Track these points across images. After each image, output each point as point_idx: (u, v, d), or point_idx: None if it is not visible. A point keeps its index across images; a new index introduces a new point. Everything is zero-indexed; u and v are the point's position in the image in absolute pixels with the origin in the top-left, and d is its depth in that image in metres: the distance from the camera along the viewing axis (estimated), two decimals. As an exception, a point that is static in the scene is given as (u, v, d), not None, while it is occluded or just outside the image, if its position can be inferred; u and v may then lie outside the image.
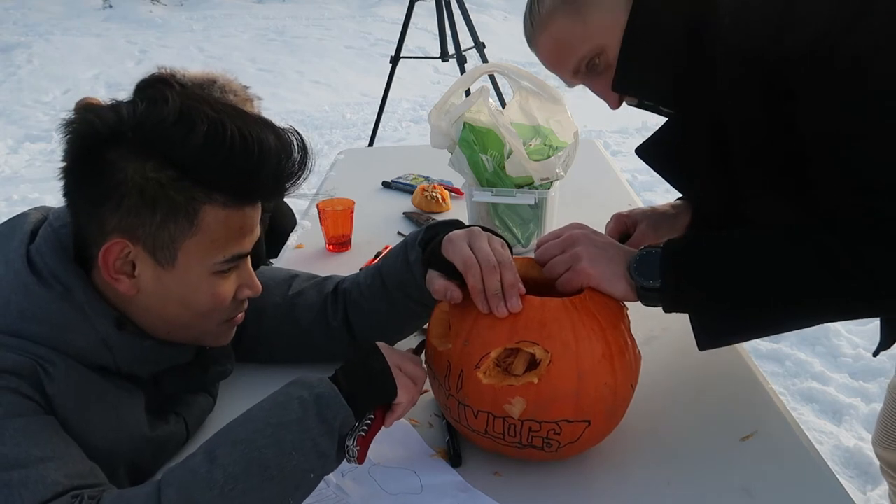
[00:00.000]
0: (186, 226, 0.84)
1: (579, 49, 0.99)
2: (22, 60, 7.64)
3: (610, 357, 0.89)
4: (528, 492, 0.91)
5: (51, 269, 0.85)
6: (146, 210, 0.82)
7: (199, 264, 0.87)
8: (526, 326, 0.88)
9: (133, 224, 0.83)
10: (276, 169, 0.86)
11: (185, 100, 0.83)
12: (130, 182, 0.81)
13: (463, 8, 3.98)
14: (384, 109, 4.19)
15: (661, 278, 0.92)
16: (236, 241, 0.88)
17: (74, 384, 0.84)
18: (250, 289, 0.95)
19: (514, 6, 10.27)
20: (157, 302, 0.88)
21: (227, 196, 0.85)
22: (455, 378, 0.91)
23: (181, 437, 1.00)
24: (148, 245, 0.84)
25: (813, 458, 0.96)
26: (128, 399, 0.90)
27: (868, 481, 2.09)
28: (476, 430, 0.92)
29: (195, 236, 0.85)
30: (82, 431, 0.83)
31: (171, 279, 0.86)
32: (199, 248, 0.86)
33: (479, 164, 1.52)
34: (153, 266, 0.85)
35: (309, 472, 0.80)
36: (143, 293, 0.87)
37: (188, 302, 0.89)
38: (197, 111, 0.82)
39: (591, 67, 1.01)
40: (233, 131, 0.81)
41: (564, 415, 0.88)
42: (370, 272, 1.14)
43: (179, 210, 0.83)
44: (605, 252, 0.96)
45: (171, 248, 0.85)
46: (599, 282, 0.94)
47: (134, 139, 0.81)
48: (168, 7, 10.42)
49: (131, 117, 0.82)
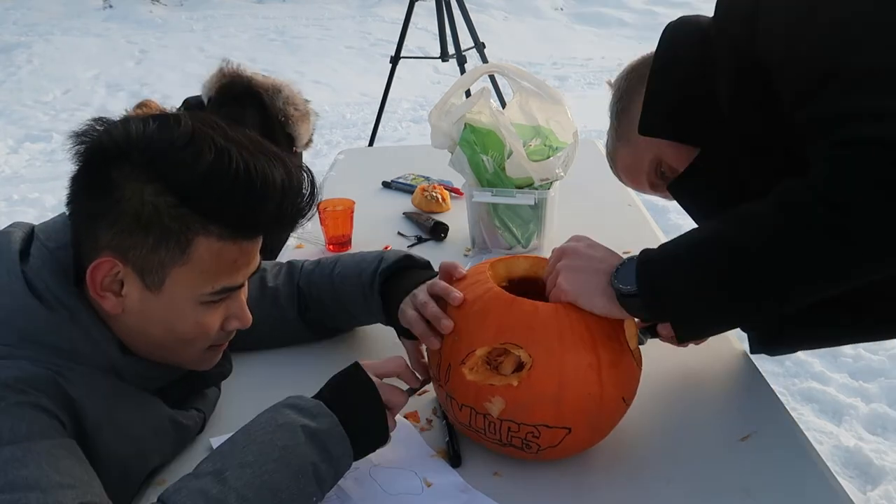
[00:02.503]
0: (178, 253, 0.83)
1: (643, 166, 1.13)
2: (22, 60, 7.63)
3: (597, 367, 0.88)
4: (528, 492, 0.91)
5: (54, 292, 0.83)
6: (139, 233, 0.81)
7: (186, 293, 0.86)
8: (513, 329, 0.89)
9: (125, 244, 0.82)
10: (278, 207, 0.84)
11: (196, 124, 0.82)
12: (128, 203, 0.80)
13: (463, 8, 3.98)
14: (384, 109, 4.19)
15: (636, 282, 0.88)
16: (227, 274, 0.87)
17: (98, 387, 0.84)
18: (239, 320, 0.93)
19: (514, 6, 10.28)
20: (141, 323, 0.87)
21: (224, 229, 0.83)
22: (444, 370, 0.93)
23: (198, 428, 1.01)
24: (137, 267, 0.83)
25: (813, 458, 0.96)
26: (149, 398, 0.92)
27: (868, 481, 2.09)
28: (461, 423, 0.94)
29: (185, 265, 0.83)
30: (114, 434, 0.83)
31: (156, 303, 0.85)
32: (188, 277, 0.84)
33: (480, 165, 1.52)
34: (140, 288, 0.84)
35: (312, 496, 0.82)
36: (128, 313, 0.86)
37: (171, 327, 0.88)
38: (206, 138, 0.81)
39: (662, 177, 1.12)
40: (238, 163, 0.80)
41: (544, 420, 0.88)
42: (325, 285, 1.19)
43: (172, 237, 0.82)
44: (587, 265, 0.93)
45: (159, 273, 0.84)
46: (576, 298, 0.91)
47: (139, 159, 0.80)
48: (168, 7, 10.41)
49: (140, 137, 0.81)
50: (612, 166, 1.22)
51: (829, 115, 0.79)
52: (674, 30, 1.08)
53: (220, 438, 1.00)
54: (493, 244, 1.61)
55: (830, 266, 0.78)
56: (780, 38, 0.87)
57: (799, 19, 0.86)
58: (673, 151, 1.08)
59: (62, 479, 0.72)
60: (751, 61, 0.91)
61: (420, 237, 1.73)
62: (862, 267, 0.77)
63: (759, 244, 0.79)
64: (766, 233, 0.79)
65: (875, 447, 2.20)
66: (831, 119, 0.79)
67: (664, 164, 1.10)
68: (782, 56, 0.87)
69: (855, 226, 0.74)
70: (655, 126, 1.06)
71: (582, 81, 7.50)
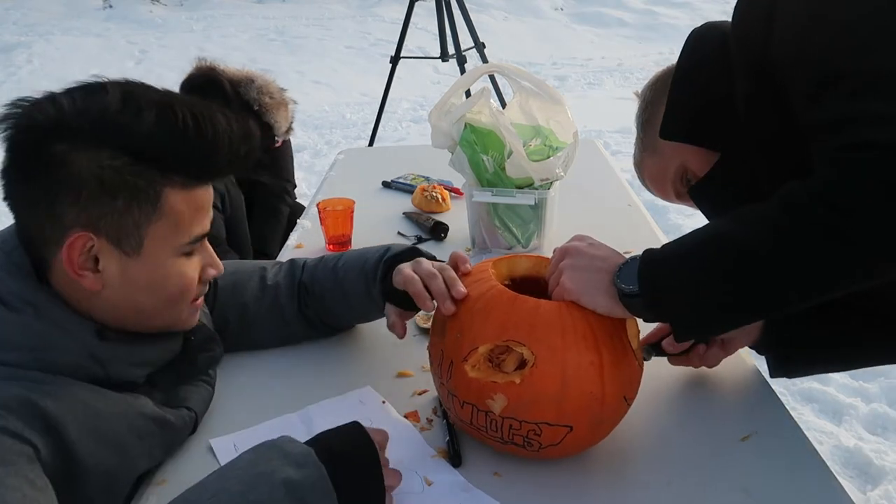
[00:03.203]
0: (150, 210, 0.83)
1: (668, 175, 1.14)
2: (22, 60, 7.64)
3: (599, 366, 0.88)
4: (528, 492, 0.91)
5: (12, 291, 0.82)
6: (106, 198, 0.80)
7: (166, 248, 0.86)
8: (516, 326, 0.89)
9: (94, 216, 0.81)
10: (230, 146, 0.85)
11: (123, 86, 0.83)
12: (86, 173, 0.79)
13: (463, 8, 3.98)
14: (384, 109, 4.19)
15: (637, 281, 0.88)
16: (198, 220, 0.88)
17: (77, 398, 0.81)
18: (214, 268, 0.95)
19: (514, 6, 10.28)
20: (125, 293, 0.86)
21: (186, 177, 0.84)
22: (446, 367, 0.93)
23: (188, 428, 1.00)
24: (112, 235, 0.83)
25: (813, 458, 0.96)
26: (134, 402, 0.90)
27: (868, 481, 2.09)
28: (463, 420, 0.94)
29: (160, 220, 0.84)
30: (97, 444, 0.82)
31: (137, 267, 0.85)
32: (165, 231, 0.85)
33: (480, 165, 1.52)
34: (118, 257, 0.84)
35: None
36: (109, 287, 0.85)
37: (156, 288, 0.88)
38: (140, 97, 0.81)
39: (687, 184, 1.12)
40: (183, 112, 0.81)
41: (545, 418, 0.88)
42: (328, 277, 1.20)
43: (141, 194, 0.82)
44: (590, 264, 0.93)
45: (136, 234, 0.83)
46: (578, 297, 0.91)
47: (80, 130, 0.79)
48: (168, 7, 10.42)
49: (72, 108, 0.79)
50: (639, 176, 1.23)
51: (835, 117, 0.79)
52: (697, 35, 1.08)
53: (220, 439, 1.00)
54: (493, 244, 1.62)
55: (830, 267, 0.77)
56: (791, 40, 0.87)
57: (810, 21, 0.86)
58: (696, 158, 1.08)
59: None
60: (765, 62, 0.91)
61: (420, 237, 1.73)
62: (862, 269, 0.77)
63: (761, 244, 0.79)
64: (769, 233, 0.79)
65: (875, 447, 2.20)
66: (837, 122, 0.79)
67: (689, 171, 1.11)
68: (793, 58, 0.87)
69: (856, 227, 0.74)
70: (676, 130, 1.07)
71: (582, 81, 7.50)
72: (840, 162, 0.75)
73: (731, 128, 1.00)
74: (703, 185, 1.08)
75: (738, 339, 1.10)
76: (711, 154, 1.06)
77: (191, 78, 2.28)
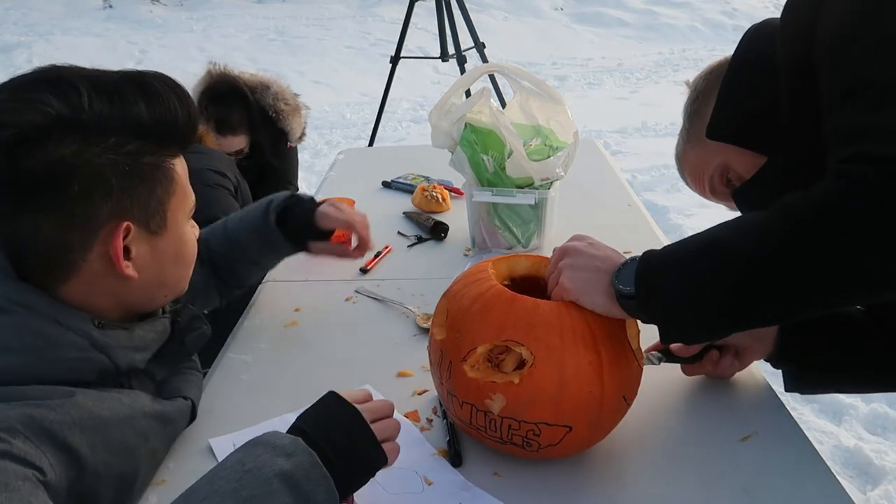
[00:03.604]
0: (168, 185, 0.88)
1: (708, 170, 1.12)
2: (22, 60, 7.63)
3: (598, 366, 0.88)
4: (528, 492, 0.91)
5: (1, 295, 0.81)
6: (133, 182, 0.84)
7: (183, 217, 0.93)
8: (514, 326, 0.89)
9: (125, 205, 0.84)
10: (187, 109, 0.89)
11: (81, 73, 0.83)
12: (106, 166, 0.80)
13: (463, 8, 3.98)
14: (384, 109, 4.19)
15: (633, 283, 0.86)
16: (189, 184, 0.94)
17: (83, 409, 0.81)
18: (195, 227, 1.00)
19: (514, 6, 10.28)
20: (157, 271, 0.90)
21: (176, 146, 0.90)
22: (445, 367, 0.93)
23: (187, 417, 1.01)
24: (141, 218, 0.86)
25: (813, 458, 0.96)
26: (135, 402, 0.90)
27: (868, 481, 2.09)
28: (462, 420, 0.94)
29: (175, 192, 0.90)
30: (108, 453, 0.82)
31: (165, 243, 0.90)
32: (180, 201, 0.91)
33: (481, 165, 1.52)
34: (147, 238, 0.88)
35: None
36: (142, 271, 0.88)
37: (181, 257, 0.94)
38: (69, 79, 0.81)
39: (728, 184, 1.11)
40: (158, 85, 0.85)
41: (544, 418, 0.88)
42: (220, 241, 1.36)
43: (158, 172, 0.87)
44: (589, 264, 0.93)
45: (160, 211, 0.88)
46: (577, 296, 0.91)
47: (88, 124, 0.79)
48: (168, 7, 10.42)
49: (61, 110, 0.77)
50: (679, 168, 1.21)
51: (848, 128, 0.78)
52: (753, 33, 1.06)
53: (220, 439, 1.00)
54: (493, 244, 1.62)
55: (824, 279, 0.75)
56: (825, 44, 0.86)
57: (843, 28, 0.84)
58: (741, 159, 1.06)
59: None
60: (806, 62, 0.89)
61: (420, 237, 1.73)
62: (853, 282, 0.75)
63: (753, 250, 0.78)
64: (762, 240, 0.78)
65: (875, 447, 2.20)
66: (848, 133, 0.78)
67: (731, 170, 1.09)
68: (825, 63, 0.85)
69: (849, 241, 0.73)
70: (723, 131, 1.05)
71: (582, 81, 7.50)
72: (843, 174, 0.74)
73: (778, 131, 0.98)
74: (747, 189, 1.06)
75: (754, 350, 1.09)
76: (757, 157, 1.03)
77: (213, 86, 2.26)
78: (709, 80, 1.11)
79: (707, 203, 1.21)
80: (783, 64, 0.95)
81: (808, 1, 0.90)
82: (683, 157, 1.17)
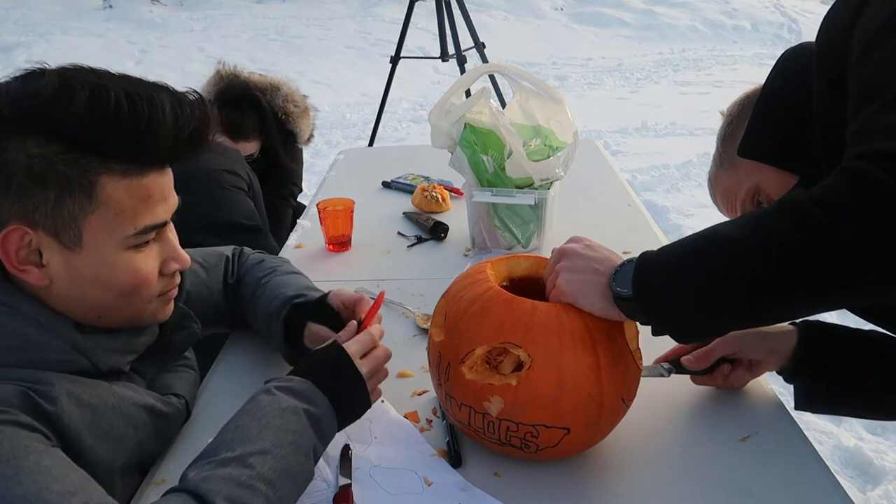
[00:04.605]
0: (85, 200, 0.79)
1: (740, 193, 1.11)
2: (22, 60, 7.63)
3: (597, 368, 0.88)
4: (528, 493, 0.91)
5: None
6: (37, 189, 0.77)
7: (109, 241, 0.82)
8: (512, 328, 0.89)
9: (27, 207, 0.77)
10: (174, 129, 0.81)
11: (63, 70, 0.80)
12: (14, 162, 0.75)
13: (463, 8, 3.98)
14: (384, 109, 4.19)
15: (631, 285, 0.86)
16: (146, 210, 0.83)
17: (73, 394, 0.81)
18: (177, 261, 0.90)
19: (514, 6, 10.29)
20: (74, 288, 0.83)
21: (124, 164, 0.80)
22: (444, 369, 0.93)
23: (183, 415, 1.01)
24: (49, 228, 0.79)
25: (813, 458, 0.96)
26: (125, 392, 0.89)
27: (868, 481, 2.09)
28: (461, 421, 0.94)
29: (97, 210, 0.80)
30: (96, 438, 0.82)
31: (81, 261, 0.81)
32: (105, 223, 0.81)
33: (480, 165, 1.52)
34: (60, 250, 0.80)
35: (311, 474, 0.87)
36: (57, 281, 0.82)
37: (105, 283, 0.84)
38: (76, 80, 0.78)
39: (759, 206, 1.10)
40: (118, 93, 0.77)
41: (542, 420, 0.88)
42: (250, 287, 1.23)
43: (73, 184, 0.78)
44: (586, 266, 0.92)
45: (73, 227, 0.79)
46: (575, 298, 0.91)
47: (11, 117, 0.76)
48: (168, 7, 10.42)
49: (5, 96, 0.77)
50: (711, 192, 1.20)
51: (860, 128, 0.78)
52: (788, 56, 1.06)
53: (219, 438, 1.00)
54: (492, 244, 1.62)
55: (823, 275, 0.74)
56: (854, 56, 0.85)
57: (869, 39, 0.83)
58: (773, 180, 1.05)
59: (62, 488, 0.70)
60: (840, 76, 0.88)
61: (420, 237, 1.73)
62: (856, 278, 0.74)
63: (755, 247, 0.77)
64: (764, 237, 0.77)
65: (875, 447, 2.20)
66: (860, 132, 0.77)
67: (763, 192, 1.07)
68: (853, 74, 0.85)
69: (854, 235, 0.71)
70: (754, 149, 1.05)
71: (582, 81, 7.50)
72: (849, 169, 0.73)
73: (811, 151, 0.97)
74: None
75: (767, 363, 1.09)
76: (789, 177, 1.03)
77: (226, 89, 2.25)
78: (743, 106, 1.11)
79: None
80: (817, 78, 0.95)
81: (845, 17, 0.89)
82: (716, 181, 1.16)
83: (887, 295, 0.75)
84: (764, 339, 1.08)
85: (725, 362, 1.08)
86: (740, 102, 1.13)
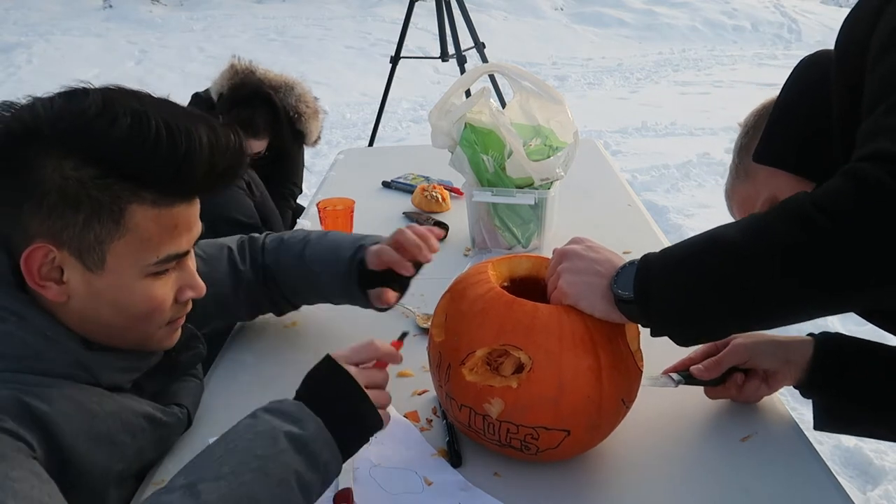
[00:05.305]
0: (112, 226, 0.79)
1: (757, 203, 1.09)
2: (22, 60, 7.64)
3: (597, 370, 0.87)
4: (528, 492, 0.91)
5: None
6: (68, 211, 0.77)
7: (131, 267, 0.82)
8: (513, 330, 0.88)
9: (56, 227, 0.78)
10: (209, 163, 0.81)
11: (107, 92, 0.80)
12: (49, 181, 0.76)
13: (463, 8, 3.98)
14: (384, 109, 4.19)
15: (633, 288, 0.85)
16: (170, 240, 0.84)
17: (72, 400, 0.81)
18: (192, 289, 0.91)
19: (514, 6, 10.29)
20: (90, 307, 0.83)
21: (157, 193, 0.80)
22: (444, 370, 0.93)
23: (183, 425, 1.00)
24: (73, 248, 0.79)
25: (813, 458, 0.96)
26: (125, 399, 0.89)
27: (868, 481, 2.09)
28: (461, 422, 0.94)
29: (123, 237, 0.80)
30: (93, 444, 0.81)
31: (101, 283, 0.82)
32: (129, 249, 0.81)
33: (481, 165, 1.52)
34: (82, 270, 0.81)
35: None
36: (74, 298, 0.82)
37: (122, 306, 0.84)
38: (119, 103, 0.78)
39: None
40: (158, 123, 0.77)
41: (542, 422, 0.88)
42: (296, 266, 1.23)
43: (104, 210, 0.78)
44: (588, 268, 0.92)
45: (98, 250, 0.80)
46: (576, 301, 0.90)
47: (51, 136, 0.76)
48: (168, 7, 10.42)
49: (48, 113, 0.77)
50: (728, 203, 1.19)
51: (869, 130, 0.77)
52: (806, 63, 1.05)
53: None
54: (493, 244, 1.62)
55: (826, 277, 0.73)
56: (870, 58, 0.84)
57: (882, 42, 0.82)
58: (789, 188, 1.02)
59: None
60: (859, 76, 0.86)
61: (420, 237, 1.73)
62: (858, 280, 0.73)
63: (753, 247, 0.77)
64: (767, 239, 0.77)
65: (875, 447, 2.20)
66: (867, 134, 0.77)
67: (779, 201, 1.08)
68: (869, 75, 0.84)
69: (858, 237, 0.71)
70: (770, 155, 1.04)
71: (582, 81, 7.50)
72: (851, 171, 0.73)
73: (827, 158, 0.95)
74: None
75: (783, 375, 1.05)
76: (806, 185, 1.01)
77: (240, 85, 2.23)
78: (759, 117, 1.10)
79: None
80: (836, 83, 0.93)
81: (866, 20, 0.88)
82: (732, 192, 1.15)
83: (888, 297, 0.74)
84: (777, 348, 1.06)
85: (738, 372, 1.06)
86: (756, 113, 1.11)
